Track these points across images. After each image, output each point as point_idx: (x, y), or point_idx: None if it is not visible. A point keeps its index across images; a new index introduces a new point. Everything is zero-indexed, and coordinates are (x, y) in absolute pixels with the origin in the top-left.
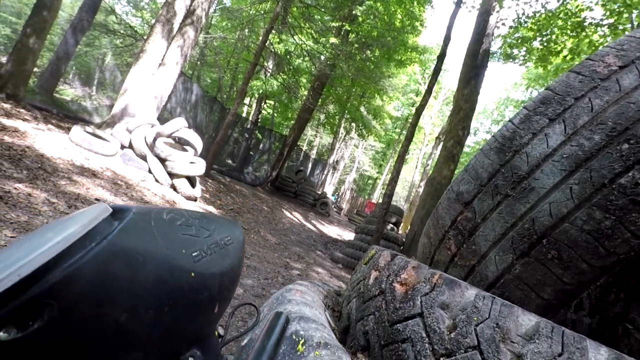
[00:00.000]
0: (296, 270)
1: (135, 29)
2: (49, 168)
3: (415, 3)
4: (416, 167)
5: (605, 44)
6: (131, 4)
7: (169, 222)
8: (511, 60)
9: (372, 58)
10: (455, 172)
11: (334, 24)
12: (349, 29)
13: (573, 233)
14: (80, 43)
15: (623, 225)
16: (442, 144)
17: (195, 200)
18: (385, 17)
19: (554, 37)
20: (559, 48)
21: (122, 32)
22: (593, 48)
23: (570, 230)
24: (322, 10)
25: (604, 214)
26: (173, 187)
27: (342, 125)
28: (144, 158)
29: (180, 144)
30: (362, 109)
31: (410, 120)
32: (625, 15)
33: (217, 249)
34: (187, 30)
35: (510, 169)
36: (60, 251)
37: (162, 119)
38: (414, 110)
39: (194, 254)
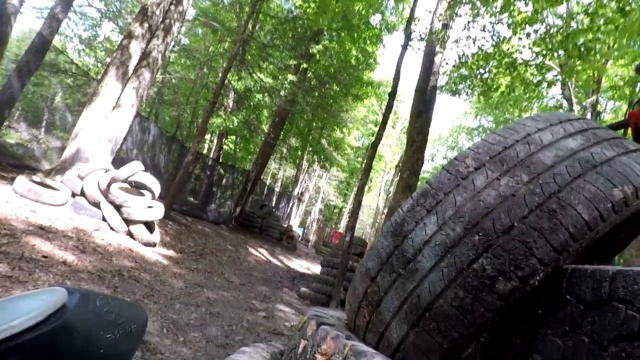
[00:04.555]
0: (262, 312)
1: (88, 67)
2: None
3: (368, 42)
4: (379, 194)
5: (468, 147)
6: (84, 44)
7: (100, 307)
8: (457, 95)
9: (331, 93)
10: None
11: (292, 62)
12: (306, 66)
13: (445, 308)
14: (27, 84)
15: (478, 301)
16: (399, 174)
17: (154, 245)
18: (341, 55)
19: (491, 75)
20: (496, 85)
21: (73, 71)
22: (526, 84)
23: (443, 305)
24: (280, 49)
25: (465, 292)
26: (130, 234)
27: (305, 157)
28: (97, 205)
29: (137, 188)
30: (323, 141)
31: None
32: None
33: (124, 334)
34: (143, 72)
35: (401, 251)
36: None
37: (118, 162)
38: (373, 139)
39: (107, 336)
